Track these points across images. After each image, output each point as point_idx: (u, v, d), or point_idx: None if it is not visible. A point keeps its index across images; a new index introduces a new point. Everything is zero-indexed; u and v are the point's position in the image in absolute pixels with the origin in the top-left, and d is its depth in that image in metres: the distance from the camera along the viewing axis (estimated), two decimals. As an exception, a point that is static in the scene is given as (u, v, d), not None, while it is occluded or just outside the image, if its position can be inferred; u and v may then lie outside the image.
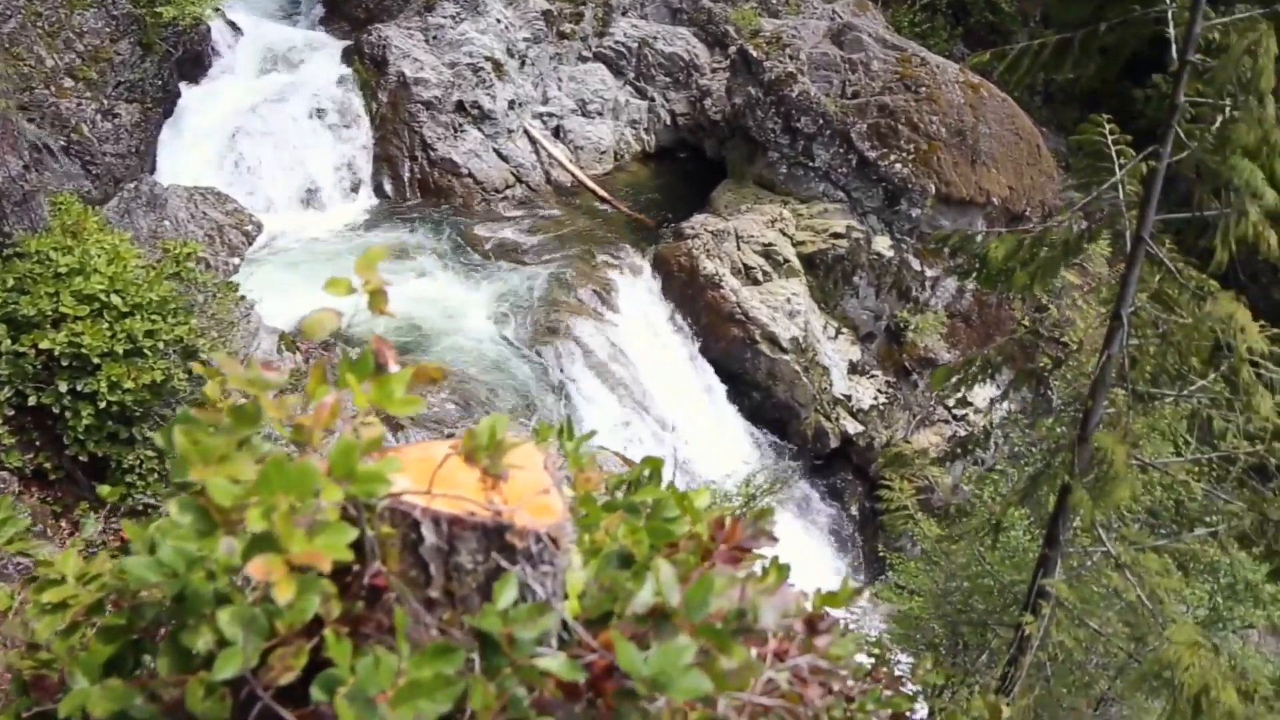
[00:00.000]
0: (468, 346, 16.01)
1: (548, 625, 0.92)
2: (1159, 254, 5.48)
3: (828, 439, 18.57)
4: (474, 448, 0.98)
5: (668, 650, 0.82)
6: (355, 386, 0.93)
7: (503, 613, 0.91)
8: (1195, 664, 4.50)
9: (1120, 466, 4.98)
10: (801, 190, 20.13)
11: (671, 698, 0.79)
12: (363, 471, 0.89)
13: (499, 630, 0.89)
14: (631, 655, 0.82)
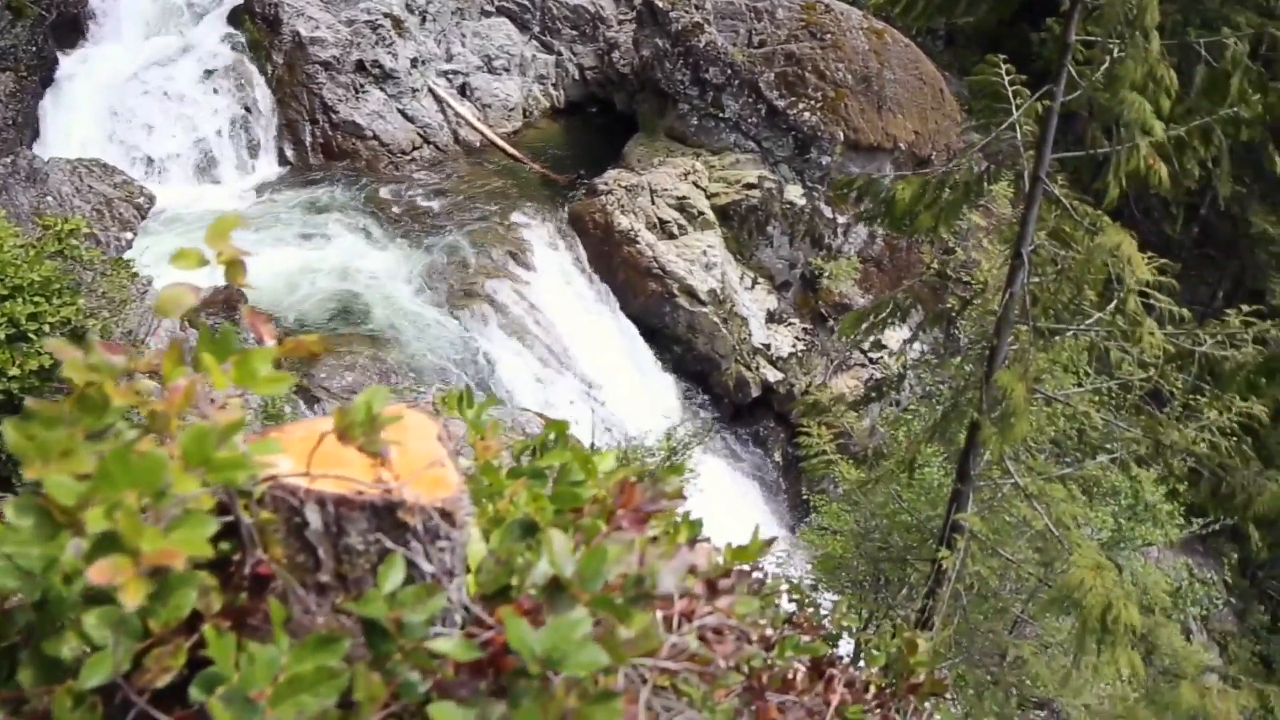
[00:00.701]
0: (382, 313, 15.67)
1: (438, 606, 0.89)
2: (1055, 192, 5.63)
3: (749, 388, 18.81)
4: (348, 424, 0.93)
5: (560, 625, 0.80)
6: (213, 367, 0.87)
7: (389, 596, 0.87)
8: (1099, 585, 4.74)
9: (1020, 402, 5.15)
10: (713, 142, 20.11)
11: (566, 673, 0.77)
12: (220, 458, 0.83)
13: (385, 615, 0.85)
14: (521, 632, 0.79)
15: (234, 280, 0.93)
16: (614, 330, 17.86)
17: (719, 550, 1.64)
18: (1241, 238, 20.63)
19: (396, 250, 17.12)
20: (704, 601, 1.07)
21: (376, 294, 16.02)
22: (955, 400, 6.31)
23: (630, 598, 0.91)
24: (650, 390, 17.43)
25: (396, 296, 16.13)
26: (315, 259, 16.50)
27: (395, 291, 16.21)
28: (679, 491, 1.90)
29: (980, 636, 7.26)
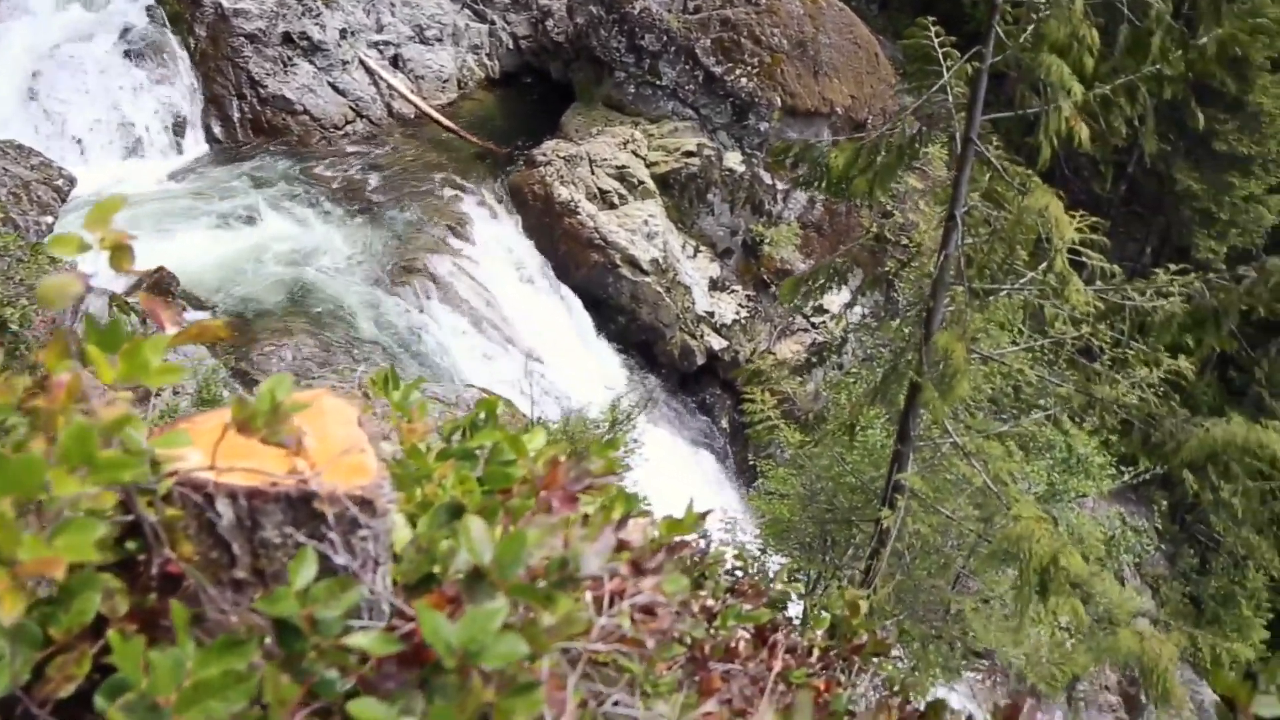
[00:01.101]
0: (322, 292, 15.35)
1: (353, 600, 0.85)
2: (987, 153, 5.71)
3: (694, 356, 18.88)
4: (248, 416, 0.89)
5: (477, 615, 0.77)
6: (99, 359, 0.82)
7: (301, 592, 0.84)
8: (1043, 537, 4.87)
9: (960, 363, 5.24)
10: (651, 110, 19.98)
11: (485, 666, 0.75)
12: (104, 458, 0.79)
13: (296, 613, 0.82)
14: (434, 625, 0.77)
15: (119, 267, 0.88)
16: (557, 302, 17.76)
17: (655, 524, 1.62)
18: (1167, 194, 21.18)
19: (334, 227, 16.77)
20: (633, 581, 1.06)
21: (314, 272, 15.69)
22: (894, 363, 6.40)
23: (554, 582, 0.89)
24: (595, 361, 17.41)
25: (335, 274, 15.81)
26: (250, 239, 16.08)
27: (334, 269, 15.89)
28: (611, 467, 1.88)
29: (923, 592, 7.44)
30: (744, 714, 2.01)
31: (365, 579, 1.08)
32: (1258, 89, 19.91)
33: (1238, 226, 20.52)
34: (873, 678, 3.05)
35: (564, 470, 1.15)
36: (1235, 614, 22.57)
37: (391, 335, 14.86)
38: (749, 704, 2.09)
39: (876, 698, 2.63)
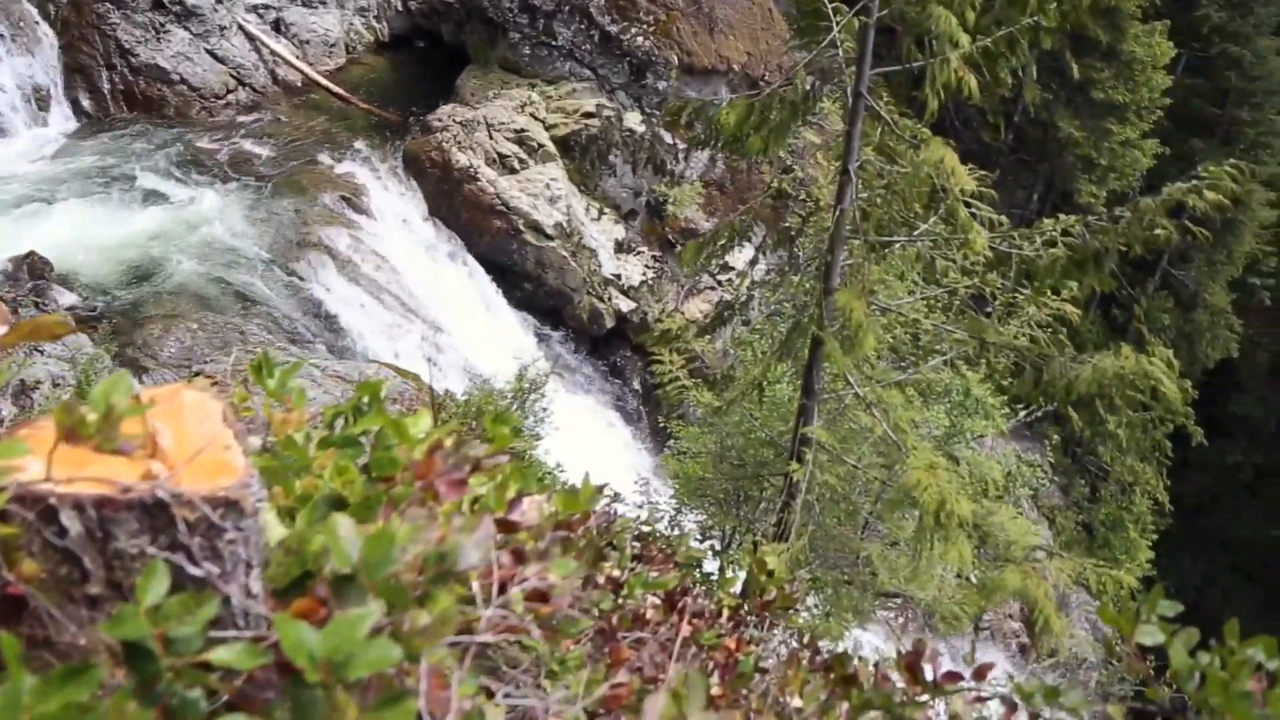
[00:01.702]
0: (211, 272, 14.71)
1: (211, 613, 0.80)
2: (877, 108, 5.78)
3: (603, 320, 18.84)
4: (75, 423, 0.81)
5: (341, 624, 0.72)
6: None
7: (153, 609, 0.78)
8: (932, 484, 5.06)
9: (861, 319, 5.35)
10: (548, 71, 19.65)
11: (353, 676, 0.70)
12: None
13: (146, 633, 0.76)
14: (294, 636, 0.72)
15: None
16: (460, 272, 17.45)
17: (550, 499, 1.59)
18: (1051, 142, 21.95)
19: (221, 203, 16.04)
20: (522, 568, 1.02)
21: (203, 251, 15.00)
22: (797, 319, 6.48)
23: (432, 578, 0.85)
24: (503, 330, 17.21)
25: (225, 252, 15.16)
26: (131, 217, 15.27)
27: (223, 247, 15.23)
28: (504, 443, 1.84)
29: (833, 540, 7.64)
30: (655, 681, 2.01)
31: (232, 585, 1.02)
32: (1130, 38, 20.72)
33: (1116, 171, 21.43)
34: (785, 630, 3.11)
35: (441, 459, 1.10)
36: (1123, 537, 23.94)
37: (289, 313, 14.37)
38: (660, 670, 2.10)
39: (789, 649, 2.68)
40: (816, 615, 8.25)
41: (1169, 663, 1.57)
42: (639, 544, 2.68)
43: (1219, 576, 27.79)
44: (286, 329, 14.19)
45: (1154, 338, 23.58)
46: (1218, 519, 27.89)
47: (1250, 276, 24.81)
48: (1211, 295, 23.69)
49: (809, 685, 2.00)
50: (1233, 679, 1.50)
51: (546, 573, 1.00)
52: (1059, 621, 5.59)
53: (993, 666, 2.00)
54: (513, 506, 1.31)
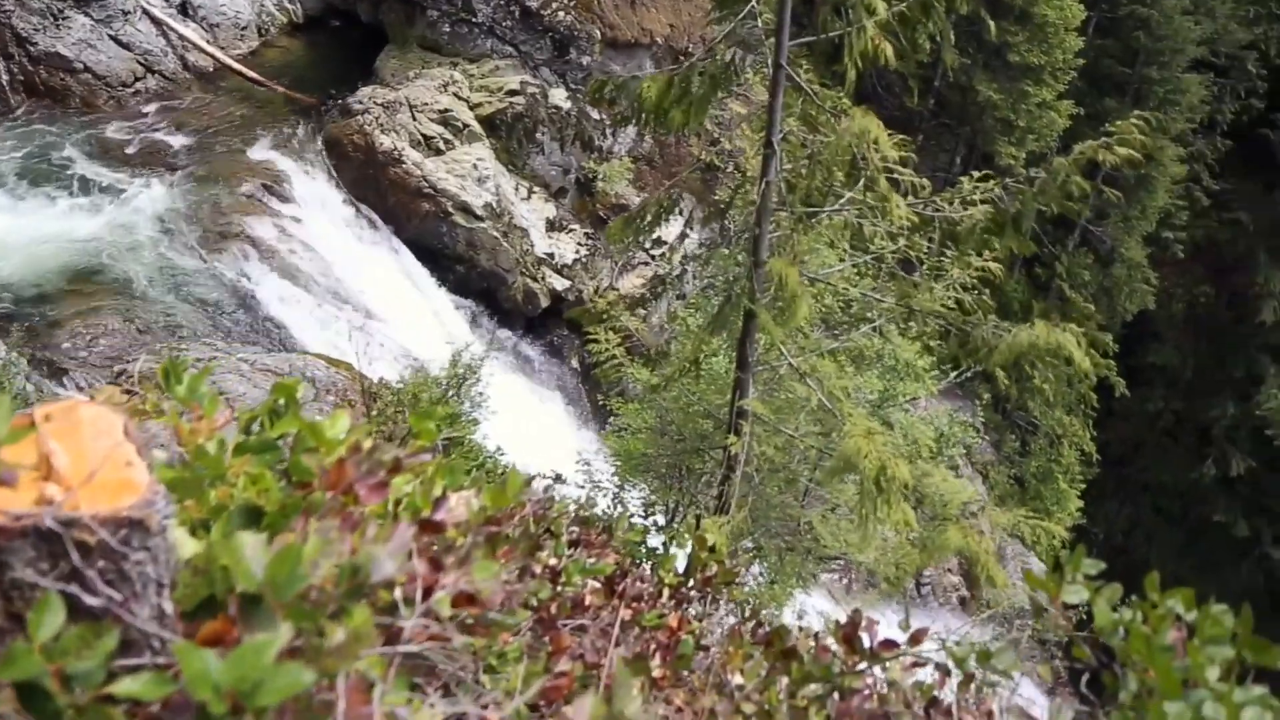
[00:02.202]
0: (131, 267, 14.20)
1: (111, 645, 0.76)
2: (798, 79, 5.79)
3: (538, 299, 18.71)
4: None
5: (247, 650, 0.69)
6: None
7: (47, 645, 0.74)
8: (872, 450, 5.15)
9: (795, 288, 5.39)
10: (469, 49, 19.31)
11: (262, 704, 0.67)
12: None
13: (41, 671, 0.72)
14: (195, 666, 0.69)
15: None
16: (390, 257, 17.14)
17: (478, 494, 1.56)
18: (971, 105, 22.33)
19: (135, 195, 15.47)
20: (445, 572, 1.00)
21: (121, 246, 14.47)
22: (729, 292, 6.50)
23: (346, 592, 0.82)
24: (436, 314, 16.98)
25: (144, 246, 14.64)
26: (41, 214, 14.65)
27: (142, 241, 14.71)
28: (430, 438, 1.80)
29: (774, 509, 7.73)
30: (598, 667, 2.01)
31: (143, 608, 0.98)
32: (1043, 0, 21.13)
33: (1034, 132, 21.91)
34: (728, 604, 3.14)
35: (354, 465, 1.06)
36: (1054, 488, 24.74)
37: (213, 308, 13.97)
38: (602, 655, 2.10)
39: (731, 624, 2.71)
40: (761, 583, 8.37)
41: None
42: (577, 528, 2.66)
43: (1144, 520, 28.93)
44: (213, 323, 13.79)
45: (1075, 294, 24.29)
46: (1141, 465, 28.98)
47: (1164, 231, 25.66)
48: (1128, 250, 24.45)
49: (750, 661, 2.01)
50: (1154, 633, 1.55)
51: (470, 576, 0.98)
52: (1001, 575, 5.75)
53: (927, 631, 2.05)
54: (439, 506, 1.28)
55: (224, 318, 13.88)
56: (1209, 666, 1.48)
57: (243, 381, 9.14)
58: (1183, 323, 28.36)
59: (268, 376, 9.39)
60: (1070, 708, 1.54)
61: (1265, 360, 26.05)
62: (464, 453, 8.25)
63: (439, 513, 1.25)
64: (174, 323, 13.45)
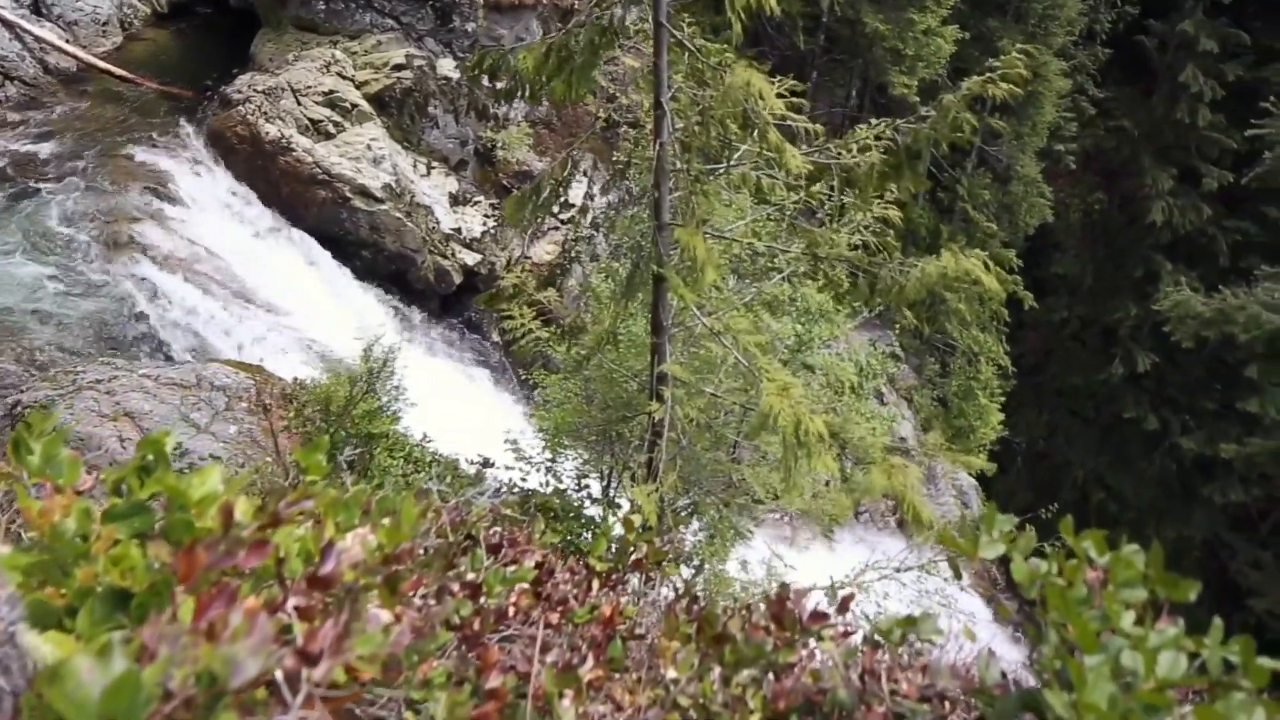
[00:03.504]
0: (14, 288, 13.45)
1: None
2: (680, 37, 5.70)
3: (450, 277, 18.37)
4: None
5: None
6: None
7: None
8: (786, 408, 5.19)
9: (703, 254, 5.35)
10: (348, 26, 18.63)
11: None
12: None
13: None
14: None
15: None
16: (291, 249, 16.59)
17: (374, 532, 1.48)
18: (860, 39, 22.46)
19: (8, 214, 14.62)
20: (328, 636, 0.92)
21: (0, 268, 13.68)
22: (636, 259, 6.44)
23: (205, 704, 0.74)
24: (347, 304, 16.54)
25: (26, 265, 13.88)
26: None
27: (21, 262, 13.93)
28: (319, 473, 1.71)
29: (706, 467, 7.78)
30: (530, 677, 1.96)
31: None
32: (919, -73, 21.29)
33: (923, 60, 22.18)
34: (661, 584, 3.12)
35: (205, 551, 0.98)
36: (975, 404, 25.52)
37: (109, 323, 13.35)
38: (533, 664, 2.05)
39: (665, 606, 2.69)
40: (701, 539, 8.45)
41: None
42: (500, 529, 2.60)
43: (1061, 424, 30.12)
44: (111, 339, 13.19)
45: (977, 214, 24.87)
46: (1053, 372, 30.08)
47: (1055, 144, 26.37)
48: (1023, 167, 25.08)
49: (680, 654, 1.99)
50: (1069, 585, 1.57)
51: (351, 654, 0.91)
52: (927, 511, 5.89)
53: (853, 597, 2.06)
54: (326, 556, 1.20)
55: (121, 332, 13.28)
56: (1124, 613, 1.51)
57: (147, 399, 8.76)
58: (1080, 231, 29.33)
59: (174, 390, 9.03)
60: (998, 661, 1.55)
61: (1159, 259, 27.14)
62: (387, 446, 8.09)
63: (327, 564, 1.18)
64: (67, 344, 12.82)
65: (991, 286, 5.61)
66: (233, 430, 8.82)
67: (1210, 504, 26.65)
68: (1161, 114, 26.56)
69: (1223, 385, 26.34)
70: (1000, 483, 27.45)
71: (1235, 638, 1.52)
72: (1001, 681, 1.62)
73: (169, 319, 13.78)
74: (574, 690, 1.79)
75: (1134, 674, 1.44)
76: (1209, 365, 26.30)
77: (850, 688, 1.71)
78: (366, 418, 7.59)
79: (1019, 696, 1.57)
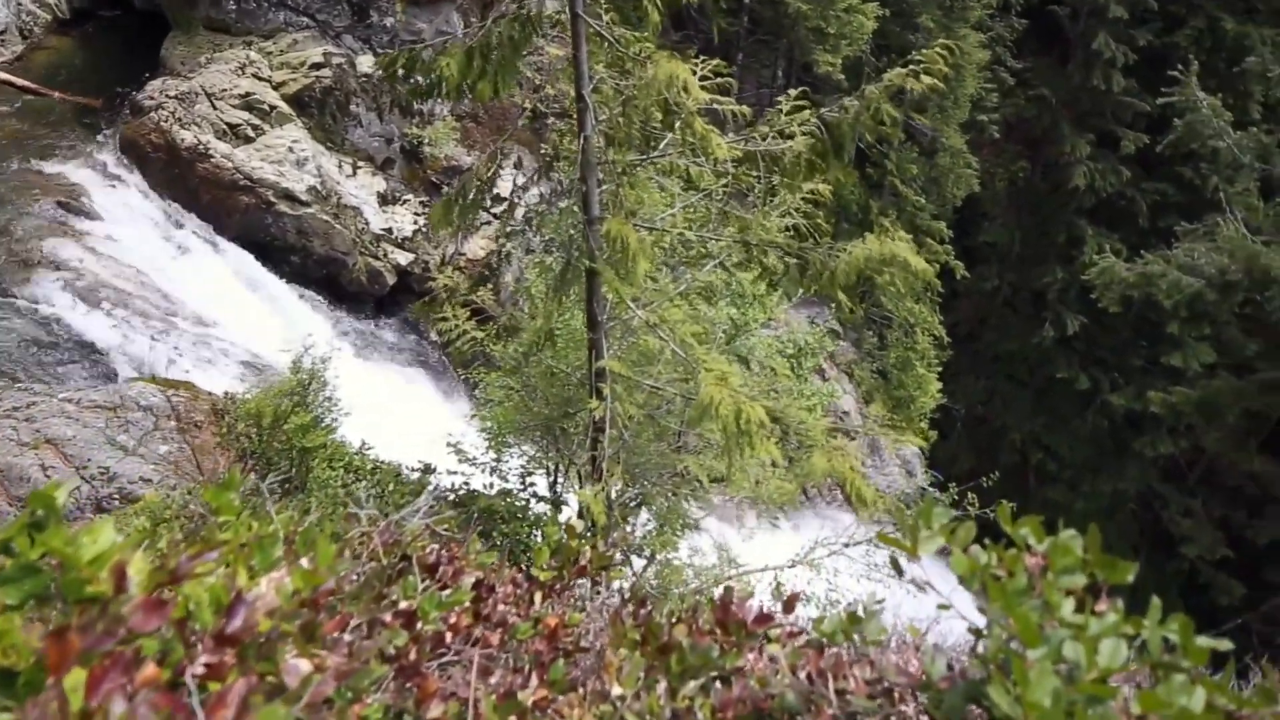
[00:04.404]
0: (-82, 317, 12.83)
1: None
2: (598, 27, 5.61)
3: (383, 278, 18.05)
4: None
5: None
6: None
7: None
8: (725, 397, 5.18)
9: (635, 246, 5.29)
10: (261, 25, 18.11)
11: None
12: None
13: None
14: None
15: None
16: (216, 259, 16.12)
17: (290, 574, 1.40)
18: (784, 19, 22.56)
19: (-92, 236, 13.95)
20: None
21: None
22: (567, 256, 6.35)
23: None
24: (278, 311, 16.14)
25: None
26: None
27: (-75, 287, 13.30)
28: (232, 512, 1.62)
29: (651, 458, 7.75)
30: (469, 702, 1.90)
31: None
32: (834, -95, 21.41)
33: (846, 37, 22.36)
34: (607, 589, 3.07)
35: (78, 635, 0.90)
36: (914, 375, 25.95)
37: (25, 347, 12.82)
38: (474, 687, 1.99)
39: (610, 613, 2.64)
40: (651, 530, 8.43)
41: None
42: (436, 547, 2.52)
43: (998, 388, 30.81)
44: (29, 364, 12.66)
45: (906, 188, 25.23)
46: (988, 339, 30.73)
47: (978, 114, 26.83)
48: (949, 139, 25.47)
49: (626, 668, 1.95)
50: (1010, 575, 1.56)
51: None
52: (869, 491, 5.95)
53: (798, 597, 2.04)
54: (233, 611, 1.12)
55: (40, 355, 12.76)
56: (1065, 601, 1.51)
57: (70, 424, 8.42)
58: (1006, 200, 29.94)
59: (97, 413, 8.69)
60: (943, 654, 1.53)
61: (1082, 223, 27.84)
62: (326, 457, 7.89)
63: (234, 619, 1.10)
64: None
65: (919, 267, 5.66)
66: (163, 450, 8.54)
67: (1142, 457, 27.55)
68: (1078, 81, 27.19)
69: (1148, 342, 27.20)
70: (942, 449, 28.02)
71: (1172, 616, 1.53)
72: (948, 674, 1.61)
73: (88, 338, 13.28)
74: (517, 716, 1.74)
75: (1076, 665, 1.43)
76: (1134, 324, 27.12)
77: (798, 691, 1.69)
78: (299, 432, 7.39)
79: (965, 690, 1.56)
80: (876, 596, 2.13)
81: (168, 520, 5.94)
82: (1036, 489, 28.96)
